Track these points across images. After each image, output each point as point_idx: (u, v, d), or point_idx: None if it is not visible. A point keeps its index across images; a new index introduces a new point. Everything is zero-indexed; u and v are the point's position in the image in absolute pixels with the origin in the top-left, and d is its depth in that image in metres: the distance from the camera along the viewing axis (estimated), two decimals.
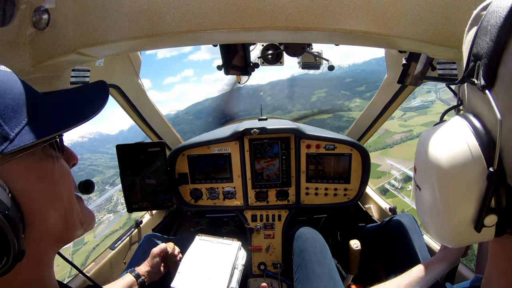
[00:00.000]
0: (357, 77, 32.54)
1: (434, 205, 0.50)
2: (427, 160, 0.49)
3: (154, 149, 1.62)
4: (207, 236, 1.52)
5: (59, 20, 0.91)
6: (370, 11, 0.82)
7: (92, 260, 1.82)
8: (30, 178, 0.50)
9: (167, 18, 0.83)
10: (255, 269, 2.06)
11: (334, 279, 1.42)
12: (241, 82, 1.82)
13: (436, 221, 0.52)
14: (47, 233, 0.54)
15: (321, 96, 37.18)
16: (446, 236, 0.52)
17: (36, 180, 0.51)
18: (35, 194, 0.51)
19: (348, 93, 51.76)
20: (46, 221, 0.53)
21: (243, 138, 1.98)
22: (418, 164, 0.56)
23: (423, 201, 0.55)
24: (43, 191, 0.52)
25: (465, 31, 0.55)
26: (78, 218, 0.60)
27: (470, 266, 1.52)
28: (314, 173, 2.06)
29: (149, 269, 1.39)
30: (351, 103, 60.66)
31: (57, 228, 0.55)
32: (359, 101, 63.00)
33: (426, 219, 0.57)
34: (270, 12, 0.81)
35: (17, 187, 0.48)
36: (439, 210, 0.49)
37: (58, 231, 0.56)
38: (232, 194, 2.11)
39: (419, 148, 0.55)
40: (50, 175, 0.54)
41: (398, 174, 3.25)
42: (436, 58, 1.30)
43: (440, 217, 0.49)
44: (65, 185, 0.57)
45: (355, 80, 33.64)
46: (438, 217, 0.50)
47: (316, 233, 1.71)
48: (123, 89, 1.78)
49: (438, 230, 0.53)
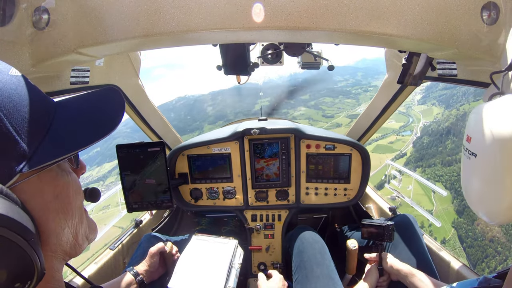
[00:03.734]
0: (299, 86, 32.74)
1: (493, 172, 0.55)
2: (490, 127, 0.55)
3: (154, 149, 1.62)
4: (204, 236, 1.52)
5: (59, 20, 0.91)
6: (370, 11, 0.82)
7: (92, 260, 1.82)
8: (47, 195, 0.49)
9: (167, 18, 0.83)
10: (255, 269, 2.06)
11: (333, 280, 1.42)
12: (241, 82, 1.82)
13: (491, 190, 0.57)
14: (60, 250, 0.53)
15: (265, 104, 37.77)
16: (499, 209, 0.56)
17: (52, 198, 0.50)
18: (51, 212, 0.49)
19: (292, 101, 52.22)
20: (60, 238, 0.52)
21: (243, 138, 1.98)
22: (474, 133, 0.62)
23: (478, 168, 0.60)
24: (58, 209, 0.51)
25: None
26: (85, 233, 0.59)
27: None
28: (314, 173, 2.06)
29: (148, 268, 1.39)
30: (295, 111, 60.75)
31: (69, 244, 0.54)
32: (303, 110, 63.56)
33: (476, 188, 0.63)
34: (270, 12, 0.81)
35: (35, 206, 0.46)
36: (498, 176, 0.54)
37: (69, 247, 0.55)
38: (232, 194, 2.11)
39: (476, 118, 0.62)
40: (66, 191, 0.53)
41: (398, 174, 3.27)
42: (436, 58, 1.30)
43: (498, 184, 0.55)
44: (78, 200, 0.56)
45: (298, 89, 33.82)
46: (496, 184, 0.55)
47: (315, 234, 1.71)
48: (122, 89, 1.78)
49: (490, 201, 0.58)
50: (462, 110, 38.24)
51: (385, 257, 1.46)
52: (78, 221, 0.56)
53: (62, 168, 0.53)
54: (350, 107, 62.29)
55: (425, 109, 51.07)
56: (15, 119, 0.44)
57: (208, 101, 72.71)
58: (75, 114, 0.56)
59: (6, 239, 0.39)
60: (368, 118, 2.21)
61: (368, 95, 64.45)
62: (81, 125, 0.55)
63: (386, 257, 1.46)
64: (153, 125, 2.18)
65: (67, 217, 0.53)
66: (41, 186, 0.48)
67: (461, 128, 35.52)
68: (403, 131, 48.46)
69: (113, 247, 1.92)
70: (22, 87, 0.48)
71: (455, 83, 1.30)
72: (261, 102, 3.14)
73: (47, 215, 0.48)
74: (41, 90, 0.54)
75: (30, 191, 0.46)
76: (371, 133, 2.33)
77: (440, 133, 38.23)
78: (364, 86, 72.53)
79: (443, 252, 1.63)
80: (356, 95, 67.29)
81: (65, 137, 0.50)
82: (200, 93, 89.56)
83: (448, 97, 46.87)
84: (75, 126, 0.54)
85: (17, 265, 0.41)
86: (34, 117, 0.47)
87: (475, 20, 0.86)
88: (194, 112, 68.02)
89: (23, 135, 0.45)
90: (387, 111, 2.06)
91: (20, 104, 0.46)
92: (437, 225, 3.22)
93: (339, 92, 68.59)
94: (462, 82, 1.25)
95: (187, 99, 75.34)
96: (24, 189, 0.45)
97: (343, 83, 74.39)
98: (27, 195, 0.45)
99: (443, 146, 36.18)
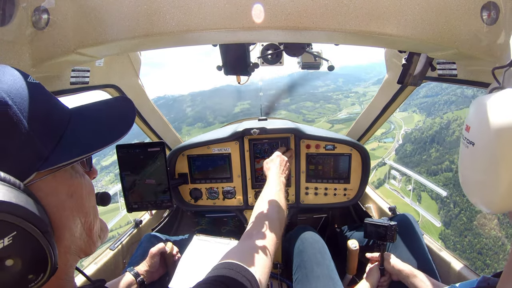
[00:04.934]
0: (279, 90, 33.06)
1: (490, 159, 0.58)
2: (489, 117, 0.58)
3: (154, 149, 1.62)
4: (205, 236, 1.52)
5: (59, 20, 0.91)
6: (370, 10, 0.82)
7: (92, 260, 1.82)
8: (62, 194, 0.52)
9: (167, 17, 0.83)
10: None
11: (333, 280, 1.42)
12: (241, 82, 1.81)
13: (488, 177, 0.59)
14: (74, 247, 0.55)
15: (245, 107, 36.74)
16: (495, 196, 0.59)
17: (67, 197, 0.53)
18: (66, 210, 0.52)
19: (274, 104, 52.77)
20: (74, 235, 0.54)
21: (243, 138, 1.98)
22: (473, 122, 0.65)
23: (476, 156, 0.62)
24: (72, 207, 0.54)
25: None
26: (98, 231, 0.62)
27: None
28: (314, 173, 2.06)
29: (148, 268, 1.39)
30: (276, 115, 61.63)
31: (82, 241, 0.57)
32: (284, 113, 63.60)
33: (473, 176, 0.65)
34: (270, 12, 0.81)
35: (50, 203, 0.49)
36: (495, 164, 0.57)
37: (83, 244, 0.57)
38: (232, 194, 2.11)
39: (477, 108, 0.64)
40: (79, 191, 0.56)
41: (398, 174, 3.27)
42: (436, 58, 1.30)
43: (494, 172, 0.57)
44: (91, 201, 0.59)
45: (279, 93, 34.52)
46: (492, 172, 0.57)
47: (315, 234, 1.71)
48: (123, 89, 1.77)
49: (487, 189, 0.60)
50: (446, 118, 38.06)
51: (387, 257, 1.46)
52: (92, 218, 0.59)
53: (76, 170, 0.57)
54: (331, 112, 62.41)
55: (406, 116, 51.33)
56: (34, 122, 0.47)
57: (188, 102, 72.32)
58: (88, 120, 0.60)
59: (22, 229, 0.42)
60: (368, 118, 2.21)
61: (349, 101, 65.03)
62: (94, 130, 0.59)
63: (388, 257, 1.46)
64: (153, 125, 2.18)
65: (81, 214, 0.56)
66: (56, 185, 0.51)
67: (445, 136, 35.45)
68: (385, 137, 48.48)
69: (113, 247, 1.92)
70: (40, 93, 0.52)
71: (455, 83, 1.30)
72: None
73: (61, 212, 0.51)
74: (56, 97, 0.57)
75: (46, 189, 0.49)
76: (371, 133, 2.33)
77: (424, 141, 37.99)
78: (345, 92, 72.81)
79: (444, 252, 1.63)
80: (337, 100, 67.43)
81: (78, 141, 0.54)
82: (180, 94, 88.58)
83: (429, 105, 46.81)
84: (88, 131, 0.57)
85: (31, 255, 0.43)
86: (51, 121, 0.51)
87: (475, 20, 0.86)
88: (173, 113, 67.46)
89: (41, 137, 0.48)
90: (387, 111, 2.05)
91: (39, 108, 0.50)
92: (437, 225, 3.22)
93: (320, 97, 68.69)
94: (462, 82, 1.25)
95: (166, 99, 74.73)
96: (40, 187, 0.48)
97: (324, 88, 74.66)
98: (43, 193, 0.48)
99: (427, 155, 35.91)
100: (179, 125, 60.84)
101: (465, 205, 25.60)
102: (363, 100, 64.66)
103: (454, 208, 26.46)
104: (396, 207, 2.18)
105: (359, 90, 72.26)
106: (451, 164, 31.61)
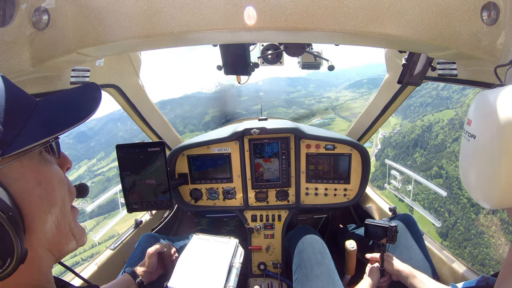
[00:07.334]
0: (252, 96, 32.46)
1: (490, 153, 0.59)
2: (490, 111, 0.59)
3: (154, 149, 1.62)
4: (205, 235, 1.51)
5: (59, 20, 0.91)
6: (370, 11, 0.82)
7: (91, 261, 1.82)
8: (29, 181, 0.51)
9: (167, 18, 0.83)
10: (255, 269, 2.06)
11: (333, 280, 1.42)
12: (241, 82, 1.81)
13: (488, 171, 0.60)
14: (44, 238, 0.54)
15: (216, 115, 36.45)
16: (495, 190, 0.60)
17: (35, 184, 0.52)
18: (34, 197, 0.51)
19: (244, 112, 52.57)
20: (43, 225, 0.53)
21: (243, 138, 1.98)
22: (475, 116, 0.66)
23: (477, 150, 0.64)
24: (41, 195, 0.53)
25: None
26: (69, 226, 0.60)
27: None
28: (314, 173, 2.06)
29: (146, 269, 1.39)
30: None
31: (52, 233, 0.56)
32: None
33: (474, 170, 0.66)
34: (270, 12, 0.81)
35: (17, 190, 0.48)
36: (495, 157, 0.58)
37: (53, 237, 0.56)
38: (232, 194, 2.11)
39: (479, 103, 0.66)
40: (48, 179, 0.55)
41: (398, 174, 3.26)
42: (436, 58, 1.30)
43: (495, 166, 0.58)
44: (61, 190, 0.58)
45: (251, 99, 33.60)
46: (492, 166, 0.58)
47: (315, 234, 1.71)
48: (123, 89, 1.77)
49: (487, 183, 0.61)
50: (427, 120, 37.02)
51: (387, 258, 1.46)
52: (60, 210, 0.57)
53: (44, 157, 0.56)
54: (305, 117, 61.91)
55: None
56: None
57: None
58: (53, 106, 0.60)
59: None
60: (368, 118, 2.21)
61: (322, 106, 64.47)
62: (57, 114, 0.59)
63: (388, 258, 1.46)
64: (153, 125, 2.18)
65: (50, 203, 0.54)
66: (23, 172, 0.50)
67: (429, 140, 34.47)
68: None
69: (113, 247, 1.92)
70: (1, 84, 0.52)
71: (455, 83, 1.30)
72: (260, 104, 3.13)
73: (29, 199, 0.50)
74: (23, 89, 0.57)
75: (12, 175, 0.48)
76: (371, 133, 2.33)
77: (406, 145, 36.56)
78: (317, 97, 71.87)
79: (444, 252, 1.63)
80: (310, 105, 66.56)
81: (42, 125, 0.54)
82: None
83: (405, 108, 45.69)
84: (52, 115, 0.57)
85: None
86: (14, 108, 0.51)
87: (475, 20, 0.86)
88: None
89: (3, 124, 0.48)
90: (387, 111, 2.06)
91: (0, 97, 0.50)
92: (437, 225, 3.22)
93: (292, 103, 67.90)
94: (462, 82, 1.25)
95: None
96: (6, 173, 0.48)
97: (295, 94, 73.94)
98: (9, 179, 0.48)
99: (412, 160, 34.48)
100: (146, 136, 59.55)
101: (460, 213, 24.85)
102: (336, 105, 64.34)
103: (449, 217, 25.57)
104: (396, 208, 2.18)
105: (331, 95, 71.23)
106: (440, 170, 29.94)
